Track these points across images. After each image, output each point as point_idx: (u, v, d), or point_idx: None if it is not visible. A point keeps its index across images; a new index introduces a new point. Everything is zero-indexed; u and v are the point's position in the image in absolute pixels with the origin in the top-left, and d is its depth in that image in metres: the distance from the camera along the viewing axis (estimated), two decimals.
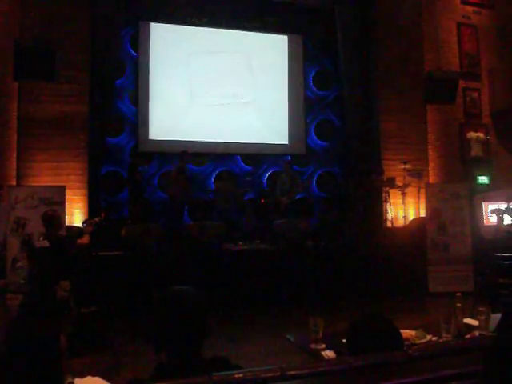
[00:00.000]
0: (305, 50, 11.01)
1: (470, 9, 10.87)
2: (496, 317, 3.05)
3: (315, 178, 10.96)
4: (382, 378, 1.29)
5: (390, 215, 9.47)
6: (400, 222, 9.60)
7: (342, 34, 10.22)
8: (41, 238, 5.50)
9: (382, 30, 10.05)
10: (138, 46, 9.95)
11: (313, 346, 2.96)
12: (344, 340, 2.11)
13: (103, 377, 2.71)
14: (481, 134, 10.61)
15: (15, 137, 7.97)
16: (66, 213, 7.45)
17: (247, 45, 10.63)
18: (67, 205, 7.53)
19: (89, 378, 2.68)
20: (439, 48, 10.20)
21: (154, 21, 10.05)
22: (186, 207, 9.24)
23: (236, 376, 1.49)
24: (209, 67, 10.28)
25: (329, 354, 2.79)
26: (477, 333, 2.99)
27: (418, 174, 9.49)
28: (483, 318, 3.05)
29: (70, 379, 2.45)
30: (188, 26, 10.22)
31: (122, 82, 9.81)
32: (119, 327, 5.93)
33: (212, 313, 1.90)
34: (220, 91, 10.34)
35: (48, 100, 8.07)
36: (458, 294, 3.33)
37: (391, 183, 9.38)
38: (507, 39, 10.74)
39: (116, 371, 4.16)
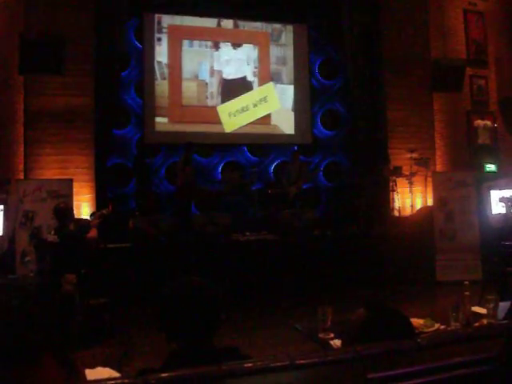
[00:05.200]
0: (310, 39, 10.96)
1: None
2: (504, 305, 3.05)
3: (322, 168, 10.94)
4: (390, 367, 1.30)
5: (396, 204, 9.45)
6: (407, 211, 9.58)
7: (348, 22, 10.15)
8: (52, 232, 5.53)
9: (388, 18, 9.96)
10: (143, 37, 9.93)
11: (321, 335, 2.97)
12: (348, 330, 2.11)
13: (114, 367, 2.74)
14: (488, 122, 10.54)
15: (22, 130, 8.00)
16: (74, 205, 7.48)
17: (252, 34, 10.60)
18: (75, 197, 7.57)
19: (99, 369, 2.71)
20: (446, 35, 10.12)
21: (158, 12, 10.03)
22: (193, 198, 9.27)
23: (246, 365, 1.50)
24: (214, 57, 10.27)
25: (337, 342, 2.81)
26: (485, 321, 3.00)
27: (425, 162, 9.45)
28: (491, 306, 3.05)
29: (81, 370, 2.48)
30: (192, 17, 10.19)
31: (128, 74, 9.80)
32: (129, 318, 5.97)
33: (223, 303, 1.92)
34: (226, 81, 10.32)
35: (54, 93, 8.08)
36: (466, 282, 3.33)
37: (398, 172, 9.35)
38: None
39: (126, 362, 4.20)
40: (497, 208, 8.24)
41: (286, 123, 10.70)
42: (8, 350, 1.17)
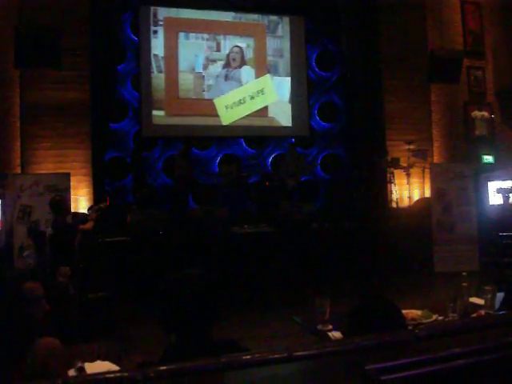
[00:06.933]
0: (307, 31, 10.91)
1: None
2: (501, 296, 3.06)
3: (319, 160, 10.94)
4: (388, 358, 1.30)
5: (394, 196, 9.47)
6: (405, 203, 9.59)
7: (345, 14, 10.12)
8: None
9: (385, 9, 9.93)
10: (139, 30, 9.88)
11: (320, 327, 2.98)
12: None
13: (113, 361, 2.74)
14: (485, 113, 10.54)
15: (18, 125, 7.98)
16: (71, 200, 7.48)
17: (249, 26, 10.55)
18: (72, 192, 7.56)
19: (98, 363, 2.72)
20: (443, 26, 10.08)
21: (154, 4, 9.97)
22: (191, 192, 9.27)
23: (244, 357, 1.50)
24: (211, 49, 10.24)
25: (335, 334, 2.82)
26: (483, 311, 3.01)
27: (423, 154, 9.45)
28: (489, 297, 3.07)
29: (80, 364, 2.49)
30: (189, 9, 10.14)
31: (124, 68, 9.76)
32: (127, 312, 5.97)
33: (221, 295, 1.93)
34: (223, 74, 10.29)
35: (50, 87, 8.06)
36: (464, 273, 3.35)
37: (396, 164, 9.35)
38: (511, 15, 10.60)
39: (125, 355, 4.20)
40: (494, 199, 8.27)
41: (283, 115, 10.67)
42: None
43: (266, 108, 10.59)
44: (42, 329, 1.93)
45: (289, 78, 10.74)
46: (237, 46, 10.41)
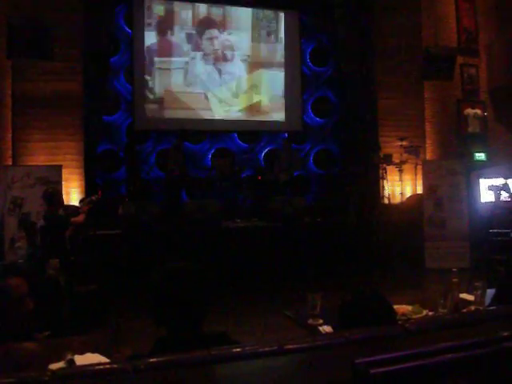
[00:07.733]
0: (301, 26, 10.89)
1: None
2: (492, 292, 3.08)
3: (312, 155, 10.95)
4: (378, 352, 1.31)
5: (386, 192, 9.48)
6: (397, 199, 9.61)
7: (339, 9, 10.10)
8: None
9: (380, 5, 9.92)
10: (133, 22, 9.81)
11: (310, 321, 2.98)
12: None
13: (103, 353, 2.73)
14: (478, 111, 10.57)
15: (10, 116, 7.91)
16: (63, 192, 7.44)
17: (243, 21, 10.51)
18: (64, 184, 7.53)
19: (88, 355, 2.70)
20: (437, 24, 10.09)
21: None
22: (183, 185, 9.25)
23: (234, 350, 1.51)
24: (205, 43, 10.19)
25: (326, 329, 2.82)
26: (473, 307, 3.02)
27: (415, 150, 9.47)
28: (479, 293, 3.08)
29: (69, 356, 2.48)
30: (183, 2, 10.09)
31: (117, 60, 9.70)
32: (118, 305, 5.96)
33: (211, 288, 1.93)
34: (216, 68, 10.25)
35: (42, 78, 7.99)
36: (455, 269, 3.36)
37: (388, 160, 9.36)
38: (506, 14, 10.61)
39: (116, 347, 4.19)
40: (486, 196, 8.31)
41: (276, 110, 10.66)
42: None
43: (259, 102, 10.57)
44: (26, 329, 1.89)
45: (283, 73, 10.71)
46: (228, 41, 10.37)
